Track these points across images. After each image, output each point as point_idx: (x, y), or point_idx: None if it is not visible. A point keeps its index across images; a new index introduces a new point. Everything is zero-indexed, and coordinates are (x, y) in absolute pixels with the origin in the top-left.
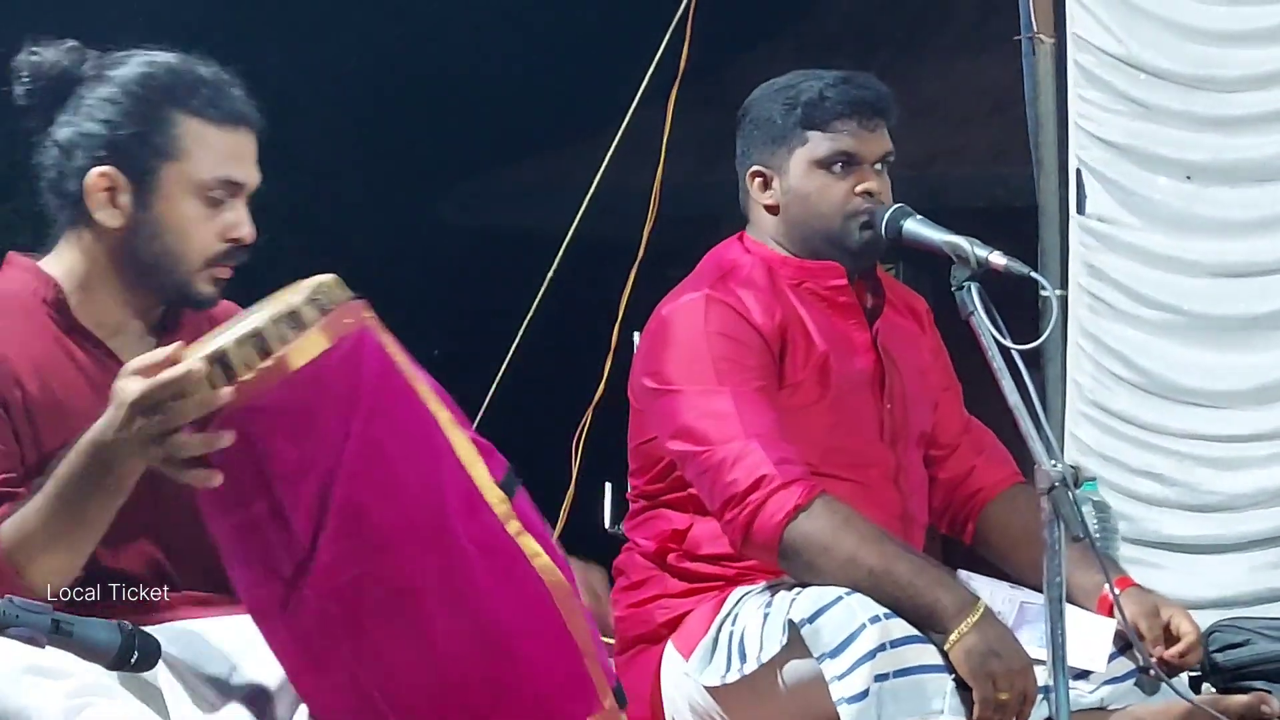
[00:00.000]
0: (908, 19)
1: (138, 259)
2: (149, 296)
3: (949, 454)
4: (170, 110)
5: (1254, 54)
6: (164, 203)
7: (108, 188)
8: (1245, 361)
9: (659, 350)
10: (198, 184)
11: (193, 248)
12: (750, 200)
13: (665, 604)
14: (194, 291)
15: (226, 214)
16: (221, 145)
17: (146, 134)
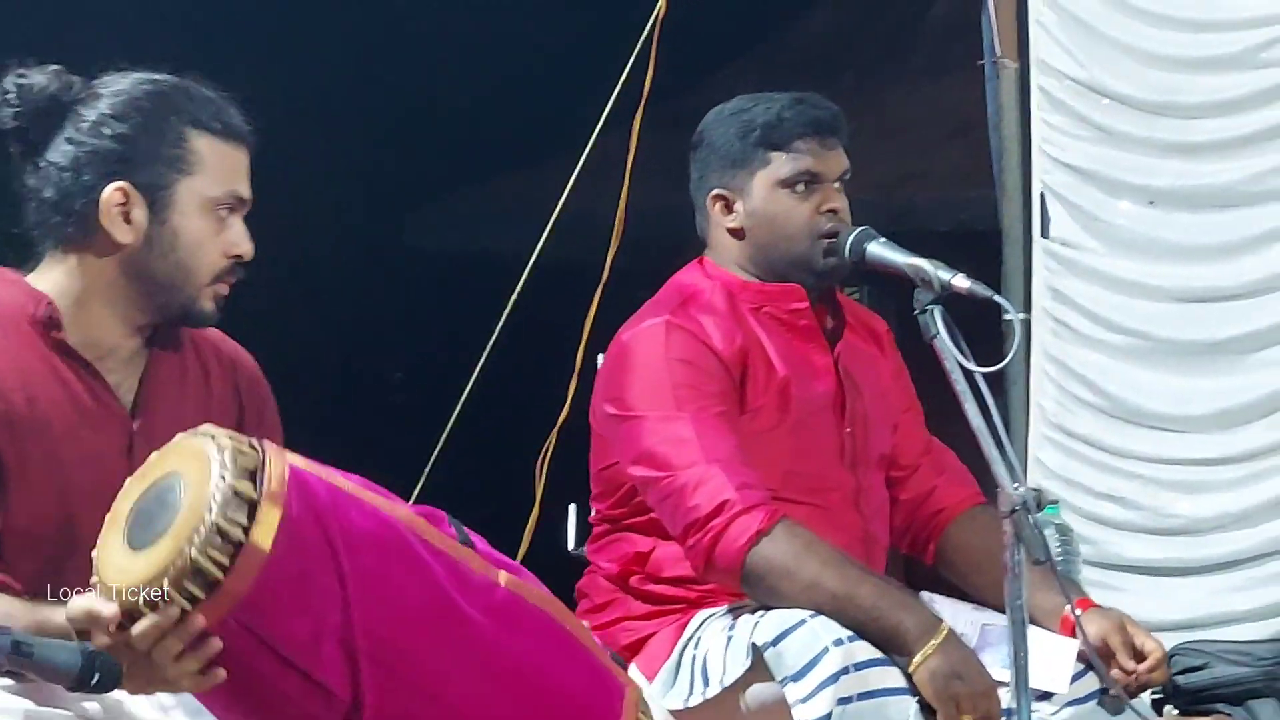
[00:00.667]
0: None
1: (150, 275)
2: (151, 314)
3: (910, 475)
4: (182, 125)
5: (1215, 80)
6: (179, 218)
7: (122, 203)
8: (1208, 386)
9: (620, 376)
10: (209, 200)
11: (203, 263)
12: (711, 224)
13: (628, 626)
14: (198, 308)
15: (230, 230)
16: (229, 161)
17: (161, 149)
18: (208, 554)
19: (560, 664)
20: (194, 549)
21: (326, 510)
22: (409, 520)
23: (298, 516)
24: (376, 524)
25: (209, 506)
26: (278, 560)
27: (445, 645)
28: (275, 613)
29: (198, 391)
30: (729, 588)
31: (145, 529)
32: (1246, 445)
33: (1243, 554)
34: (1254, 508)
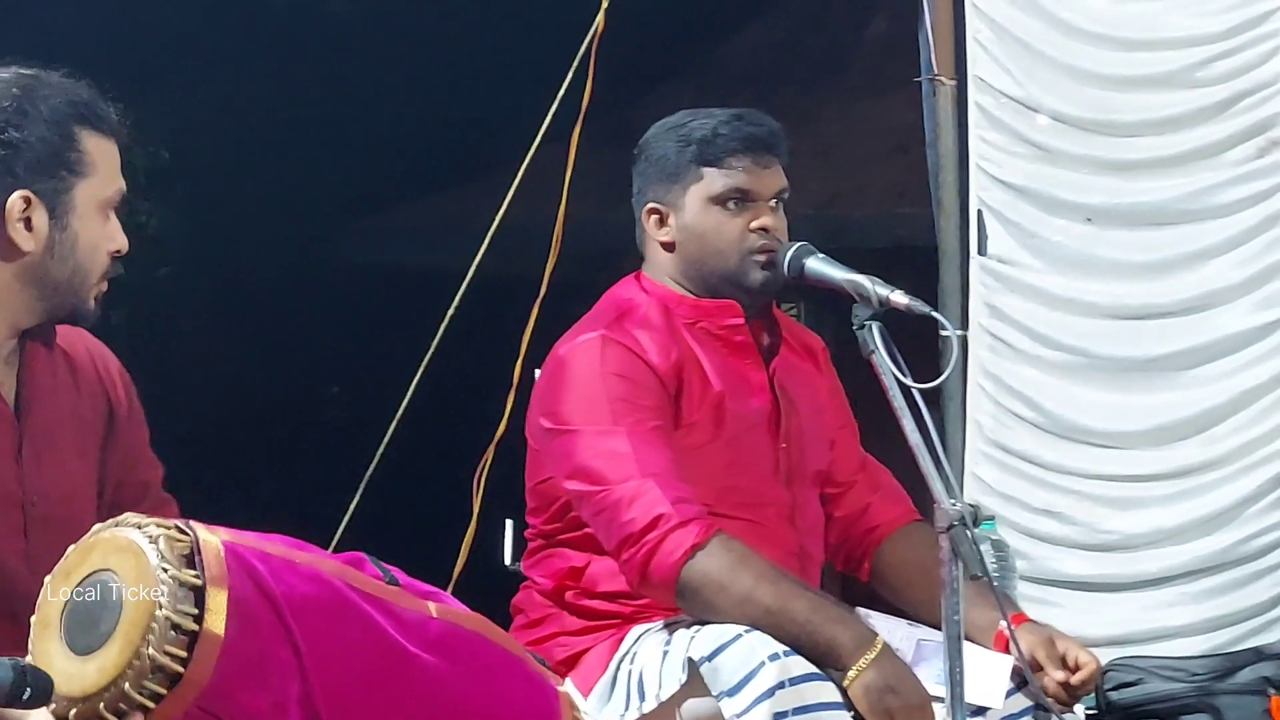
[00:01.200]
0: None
1: (47, 280)
2: (39, 316)
3: (845, 491)
4: (73, 126)
5: (1151, 99)
6: (78, 222)
7: (24, 210)
8: (1144, 402)
9: (555, 390)
10: (104, 200)
11: (96, 265)
12: (646, 237)
13: (563, 641)
14: (87, 308)
15: (112, 226)
16: (110, 157)
17: (60, 152)
18: (165, 650)
19: (500, 681)
20: (150, 647)
21: (268, 582)
22: (339, 572)
23: (244, 595)
24: (316, 586)
25: (157, 602)
26: (233, 642)
27: (399, 690)
28: (236, 693)
29: (68, 389)
30: (664, 602)
31: (88, 632)
32: (1181, 461)
33: (1176, 570)
34: (1188, 524)
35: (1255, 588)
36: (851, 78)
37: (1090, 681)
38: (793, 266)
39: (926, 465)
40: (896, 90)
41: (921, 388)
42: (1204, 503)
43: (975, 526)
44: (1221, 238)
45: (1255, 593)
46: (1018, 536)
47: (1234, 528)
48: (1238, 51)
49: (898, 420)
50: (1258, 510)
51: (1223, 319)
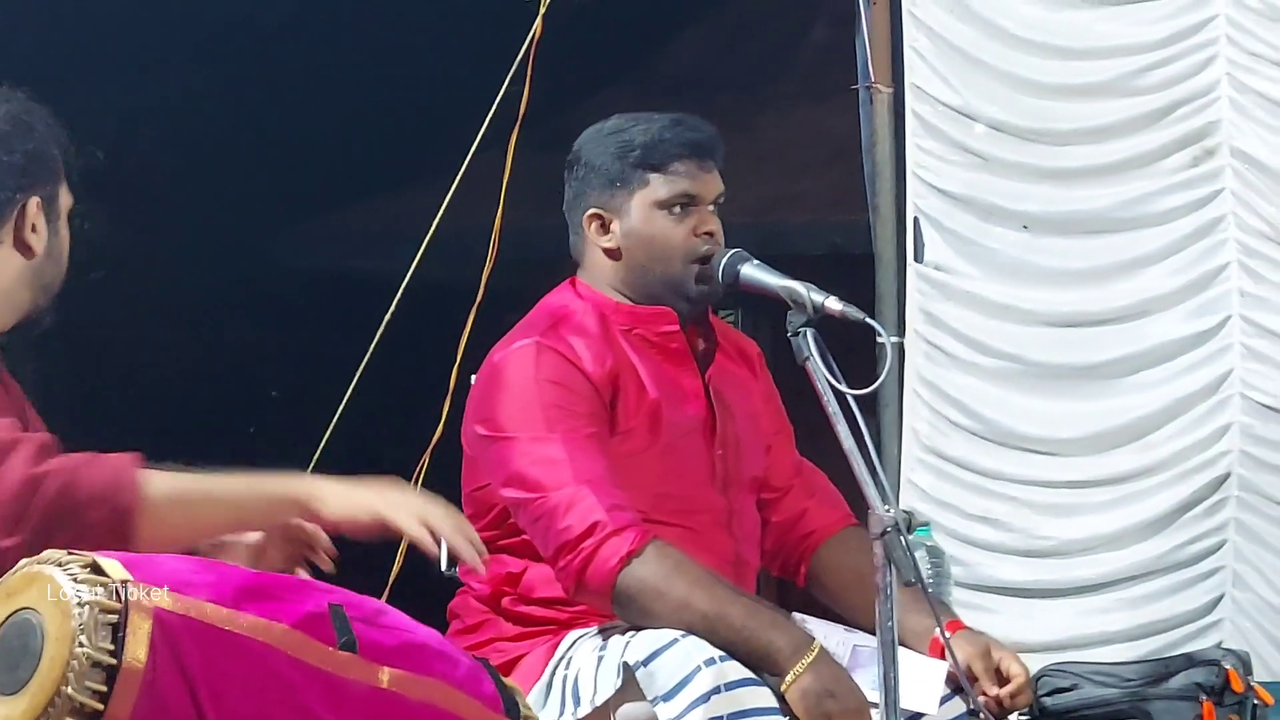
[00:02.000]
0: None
1: (42, 282)
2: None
3: (781, 496)
4: (57, 133)
5: (1087, 107)
6: (63, 227)
7: (36, 214)
8: (1080, 409)
9: (491, 397)
10: (69, 206)
11: (64, 267)
12: (586, 244)
13: (500, 647)
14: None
15: None
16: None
17: (54, 160)
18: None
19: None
20: (70, 686)
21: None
22: (282, 640)
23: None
24: (246, 663)
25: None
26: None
27: None
28: None
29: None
30: (600, 609)
31: (9, 672)
32: (1116, 468)
33: (1112, 576)
34: (1123, 530)
35: (1190, 594)
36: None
37: (1022, 693)
38: (727, 273)
39: (861, 472)
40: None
41: (856, 394)
42: (1140, 509)
43: (910, 533)
44: (1157, 245)
45: (1190, 599)
46: (954, 543)
47: (1169, 534)
48: (1173, 60)
49: (832, 427)
50: (1193, 516)
51: (1158, 326)
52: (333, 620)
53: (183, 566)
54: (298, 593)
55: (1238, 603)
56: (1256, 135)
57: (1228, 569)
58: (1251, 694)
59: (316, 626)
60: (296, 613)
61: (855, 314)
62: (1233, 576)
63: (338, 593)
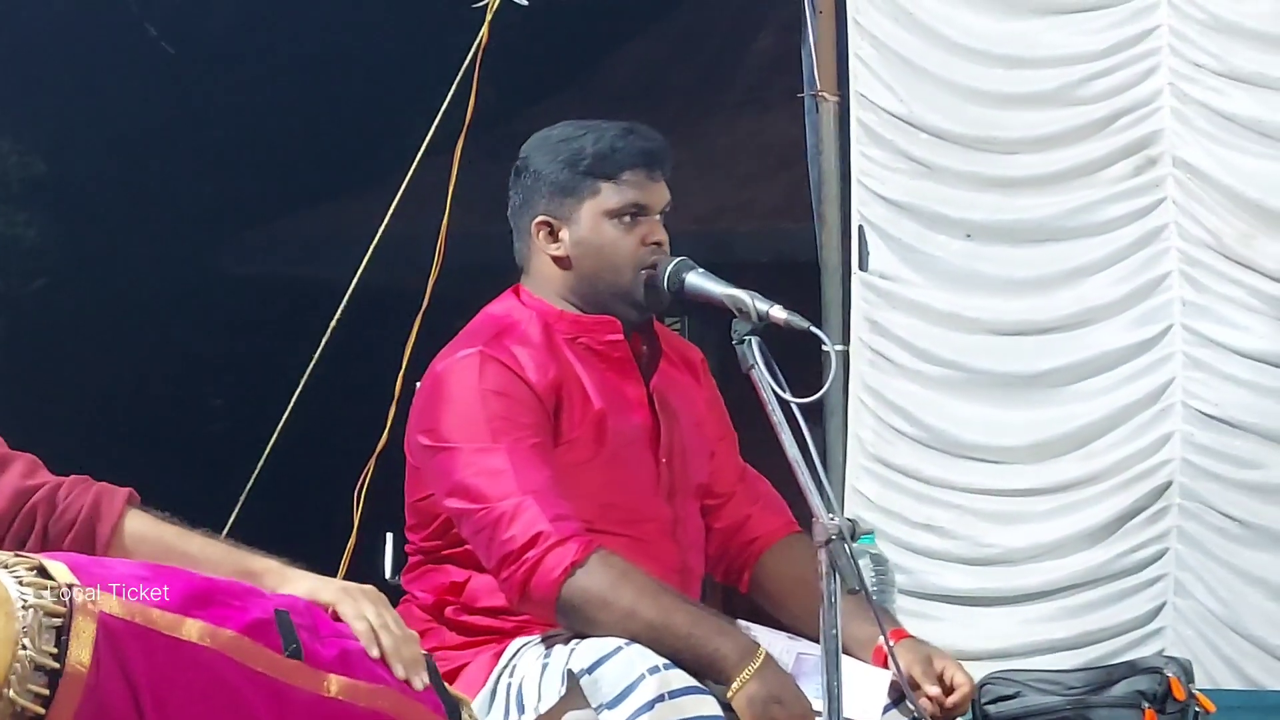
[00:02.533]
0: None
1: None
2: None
3: (725, 503)
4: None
5: (1032, 116)
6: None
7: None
8: (1024, 417)
9: (434, 407)
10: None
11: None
12: (533, 251)
13: (444, 656)
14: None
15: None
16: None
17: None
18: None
19: None
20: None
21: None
22: (228, 646)
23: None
24: (193, 671)
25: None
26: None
27: None
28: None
29: None
30: (545, 619)
31: None
32: (1060, 477)
33: (1055, 584)
34: (1067, 538)
35: (1132, 602)
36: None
37: (965, 703)
38: (672, 281)
39: (805, 480)
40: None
41: (800, 402)
42: (1083, 517)
43: (854, 540)
44: (1100, 254)
45: (1132, 606)
46: (898, 550)
47: (1112, 542)
48: (1116, 70)
49: (777, 435)
50: (1135, 525)
51: (1101, 335)
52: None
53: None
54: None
55: (1180, 610)
56: (1198, 145)
57: (1170, 577)
58: (1193, 702)
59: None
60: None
61: (799, 322)
62: (1175, 584)
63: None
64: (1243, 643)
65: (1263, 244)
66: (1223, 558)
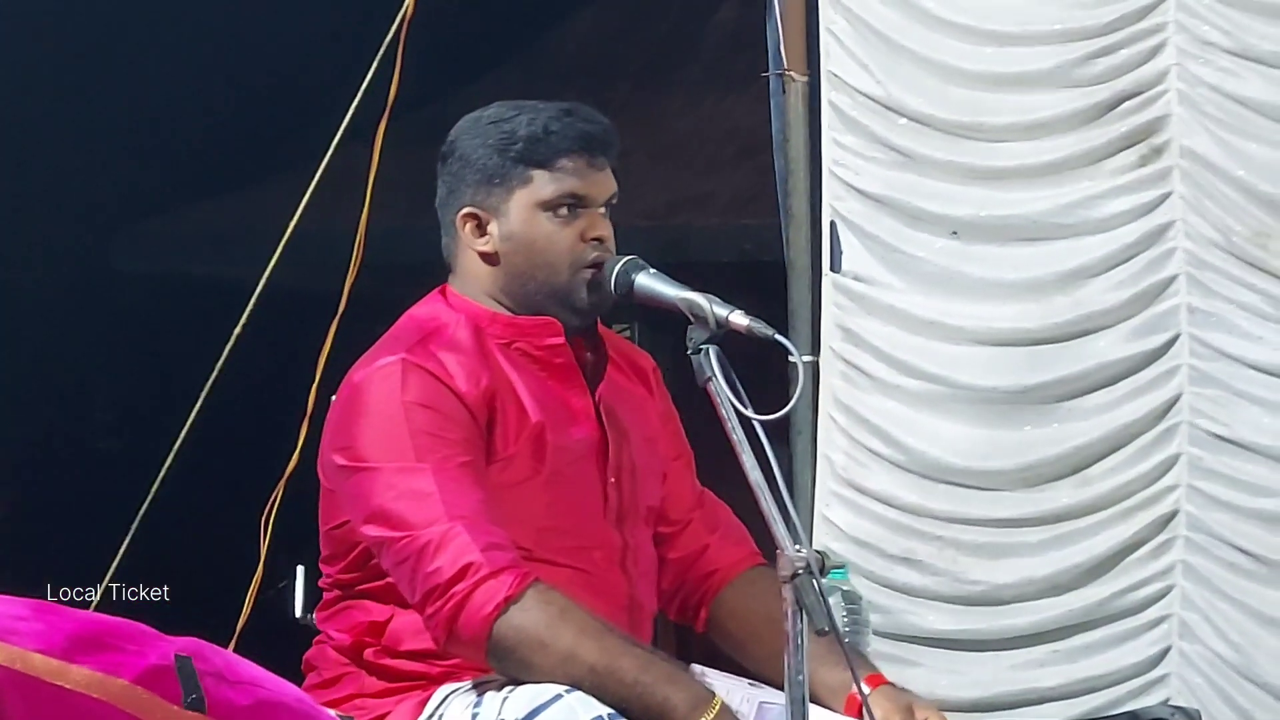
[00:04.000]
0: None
1: None
2: None
3: (680, 530)
4: None
5: (1024, 100)
6: None
7: None
8: (1013, 438)
9: (351, 422)
10: None
11: None
12: (460, 246)
13: (362, 704)
14: None
15: None
16: None
17: None
18: None
19: None
20: None
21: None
22: (120, 697)
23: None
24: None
25: None
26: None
27: None
28: None
29: None
30: (475, 661)
31: None
32: (1054, 504)
33: (1047, 625)
34: (1060, 574)
35: (1134, 645)
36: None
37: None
38: (620, 283)
39: (768, 506)
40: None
41: (764, 419)
42: (1078, 550)
43: (823, 575)
44: (1099, 255)
45: (1134, 650)
46: (872, 587)
47: (1111, 578)
48: (1119, 48)
49: (737, 455)
50: (1137, 559)
51: (1099, 346)
52: (179, 674)
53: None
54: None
55: (1186, 655)
56: (1208, 133)
57: (1175, 617)
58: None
59: (160, 681)
60: (138, 666)
61: (763, 330)
62: (1180, 626)
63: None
64: (1256, 691)
65: (1278, 244)
66: (1234, 596)
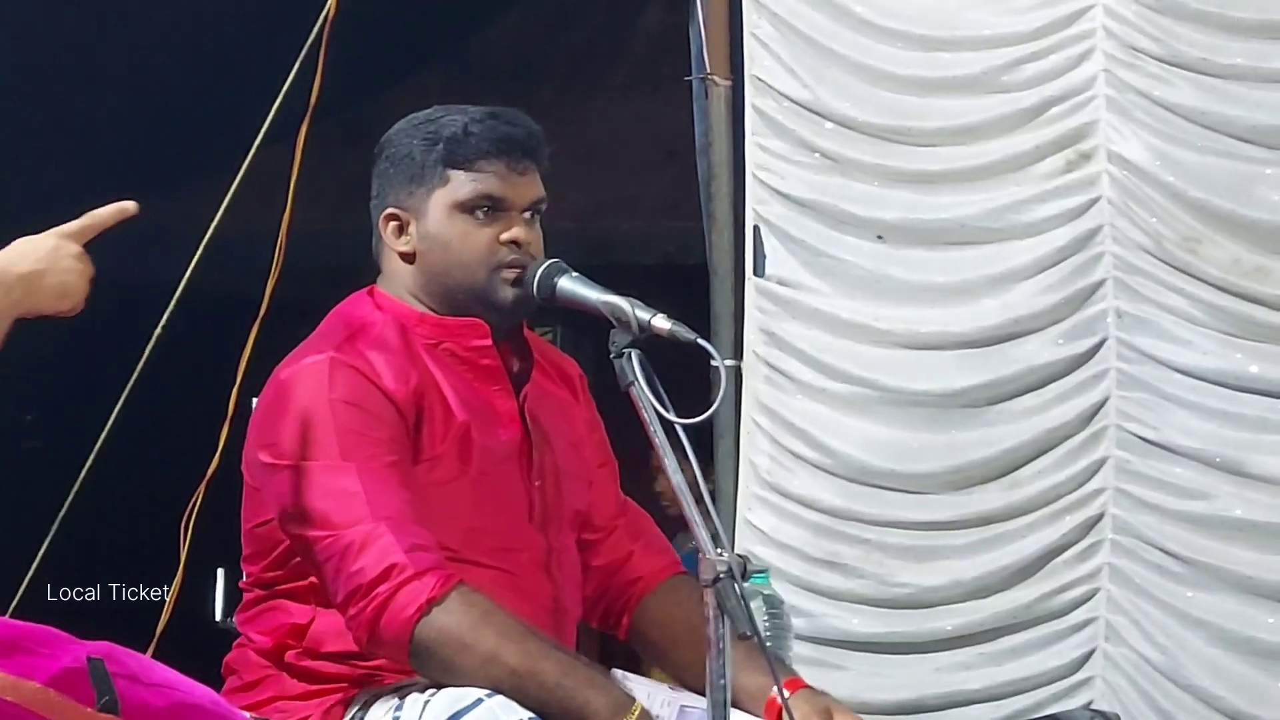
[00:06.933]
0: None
1: None
2: None
3: (604, 538)
4: None
5: (952, 104)
6: None
7: None
8: (940, 441)
9: (276, 420)
10: None
11: None
12: (384, 247)
13: (283, 707)
14: None
15: None
16: None
17: None
18: None
19: None
20: None
21: None
22: (33, 700)
23: None
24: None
25: None
26: None
27: None
28: None
29: None
30: (397, 662)
31: None
32: (982, 507)
33: (973, 628)
34: (987, 577)
35: (1060, 648)
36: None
37: None
38: (543, 286)
39: (690, 510)
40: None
41: (686, 423)
42: (1005, 554)
43: (745, 579)
44: (1027, 260)
45: (1060, 653)
46: (796, 591)
47: (1037, 582)
48: (1048, 54)
49: (660, 460)
50: (1065, 562)
51: (1029, 349)
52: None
53: None
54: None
55: (1110, 658)
56: (1137, 138)
57: (1100, 620)
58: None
59: (73, 684)
60: (50, 668)
61: (685, 334)
62: (1105, 629)
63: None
64: (1181, 694)
65: (1207, 250)
66: (1160, 599)
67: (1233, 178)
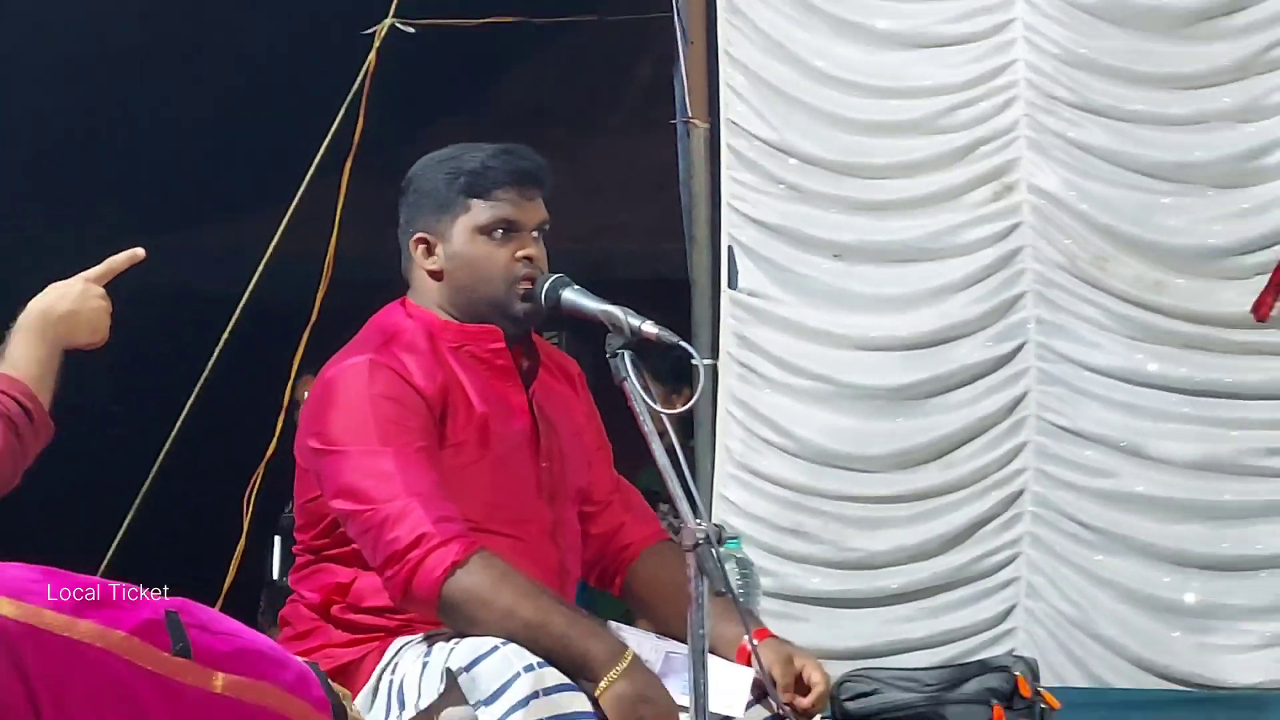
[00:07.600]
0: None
1: None
2: None
3: (601, 510)
4: None
5: (899, 144)
6: None
7: None
8: (887, 428)
9: (324, 412)
10: None
11: None
12: (413, 266)
13: (329, 653)
14: None
15: None
16: None
17: None
18: None
19: None
20: None
21: (28, 663)
22: (119, 646)
23: (1, 685)
24: (87, 671)
25: None
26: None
27: None
28: None
29: None
30: (427, 617)
31: None
32: (921, 484)
33: (915, 586)
34: (926, 543)
35: (986, 603)
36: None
37: (821, 700)
38: (550, 297)
39: (673, 487)
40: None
41: (670, 413)
42: (942, 523)
43: (720, 545)
44: (960, 275)
45: (986, 608)
46: (765, 555)
47: (968, 547)
48: (977, 101)
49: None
50: (990, 530)
51: (961, 351)
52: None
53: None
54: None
55: (1030, 612)
56: (1053, 172)
57: (1021, 580)
58: (1039, 699)
59: (152, 633)
60: (133, 620)
61: (669, 337)
62: (1026, 587)
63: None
64: (1091, 643)
65: (1114, 267)
66: (1073, 561)
67: (1136, 206)
